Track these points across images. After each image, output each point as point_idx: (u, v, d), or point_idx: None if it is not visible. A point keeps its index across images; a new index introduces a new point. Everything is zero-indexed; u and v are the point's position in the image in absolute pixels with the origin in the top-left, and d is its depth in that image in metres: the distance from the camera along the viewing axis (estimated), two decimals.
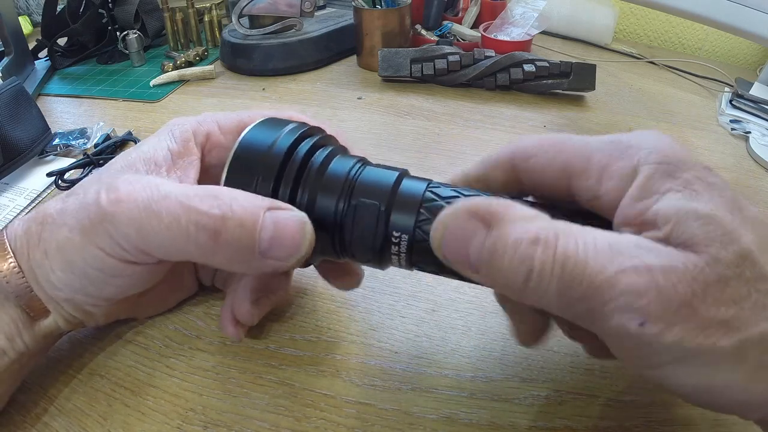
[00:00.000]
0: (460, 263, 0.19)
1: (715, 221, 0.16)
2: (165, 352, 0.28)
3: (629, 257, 0.16)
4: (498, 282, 0.18)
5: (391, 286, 0.32)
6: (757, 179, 0.45)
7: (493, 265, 0.17)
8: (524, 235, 0.17)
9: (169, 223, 0.20)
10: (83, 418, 0.25)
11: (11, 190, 0.44)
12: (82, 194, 0.23)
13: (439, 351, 0.28)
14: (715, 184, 0.17)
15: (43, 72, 0.65)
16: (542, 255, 0.17)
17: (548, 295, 0.17)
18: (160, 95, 0.60)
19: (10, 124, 0.44)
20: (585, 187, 0.19)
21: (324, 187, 0.22)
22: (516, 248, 0.17)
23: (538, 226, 0.17)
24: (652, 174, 0.18)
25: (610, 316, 0.16)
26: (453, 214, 0.19)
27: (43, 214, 0.23)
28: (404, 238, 0.21)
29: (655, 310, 0.16)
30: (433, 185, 0.22)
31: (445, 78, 0.59)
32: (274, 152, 0.22)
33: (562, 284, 0.16)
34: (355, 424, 0.25)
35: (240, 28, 0.64)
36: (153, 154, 0.24)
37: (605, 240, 0.17)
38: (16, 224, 0.24)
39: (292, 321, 0.30)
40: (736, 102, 0.56)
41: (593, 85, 0.57)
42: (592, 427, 0.24)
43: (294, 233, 0.21)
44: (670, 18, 0.78)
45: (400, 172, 0.23)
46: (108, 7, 0.70)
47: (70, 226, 0.22)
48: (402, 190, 0.21)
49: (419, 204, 0.21)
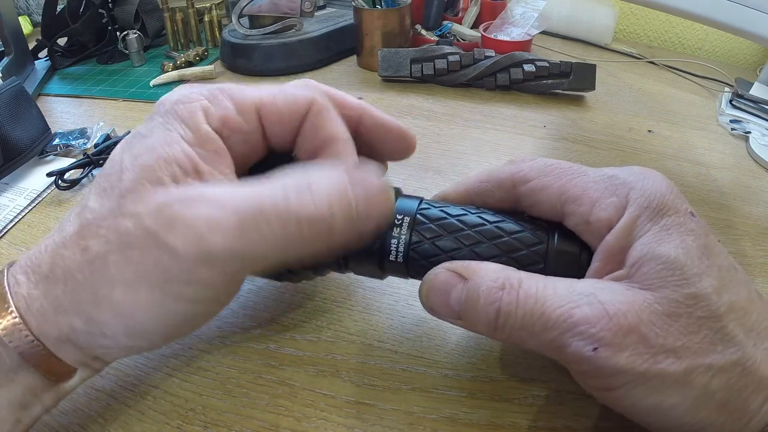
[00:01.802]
0: (444, 311, 0.21)
1: (674, 265, 0.18)
2: (165, 352, 0.28)
3: (585, 294, 0.19)
4: (475, 324, 0.21)
5: (391, 286, 0.32)
6: (757, 179, 0.45)
7: (469, 309, 0.20)
8: (493, 282, 0.20)
9: (278, 234, 0.18)
10: (83, 418, 0.25)
11: (11, 190, 0.44)
12: (116, 238, 0.18)
13: (439, 351, 0.28)
14: (692, 230, 0.19)
15: (43, 72, 0.65)
16: (507, 297, 0.19)
17: (515, 331, 0.19)
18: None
19: (10, 124, 0.44)
20: (578, 212, 0.21)
21: None
22: (487, 293, 0.20)
23: (504, 275, 0.20)
24: (638, 216, 0.20)
25: (568, 345, 0.18)
26: (435, 272, 0.22)
27: (62, 270, 0.19)
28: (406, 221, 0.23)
29: (605, 336, 0.18)
30: (422, 206, 0.24)
31: (445, 78, 0.59)
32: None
33: (525, 320, 0.19)
34: (355, 424, 0.25)
35: (240, 28, 0.64)
36: (171, 154, 0.19)
37: (565, 284, 0.20)
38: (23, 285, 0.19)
39: (292, 321, 0.30)
40: (736, 102, 0.56)
41: (593, 85, 0.57)
42: (592, 427, 0.24)
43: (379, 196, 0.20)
44: (670, 18, 0.78)
45: (398, 189, 0.25)
46: (108, 7, 0.70)
47: (126, 282, 0.18)
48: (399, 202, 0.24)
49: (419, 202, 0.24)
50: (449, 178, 0.43)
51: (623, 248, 0.20)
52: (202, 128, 0.20)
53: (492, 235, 0.22)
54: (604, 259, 0.20)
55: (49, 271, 0.19)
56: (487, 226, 0.23)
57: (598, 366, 0.18)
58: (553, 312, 0.19)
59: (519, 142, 0.49)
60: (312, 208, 0.18)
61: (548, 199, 0.22)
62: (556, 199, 0.22)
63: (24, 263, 0.20)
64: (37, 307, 0.19)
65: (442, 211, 0.23)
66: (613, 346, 0.18)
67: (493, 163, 0.46)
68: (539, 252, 0.22)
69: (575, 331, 0.18)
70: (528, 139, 0.50)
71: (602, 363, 0.18)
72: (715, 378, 0.17)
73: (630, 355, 0.17)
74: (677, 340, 0.18)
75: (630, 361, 0.17)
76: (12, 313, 0.19)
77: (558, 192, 0.22)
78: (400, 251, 0.23)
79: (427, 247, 0.23)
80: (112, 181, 0.19)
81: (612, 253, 0.20)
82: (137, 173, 0.19)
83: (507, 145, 0.49)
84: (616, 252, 0.20)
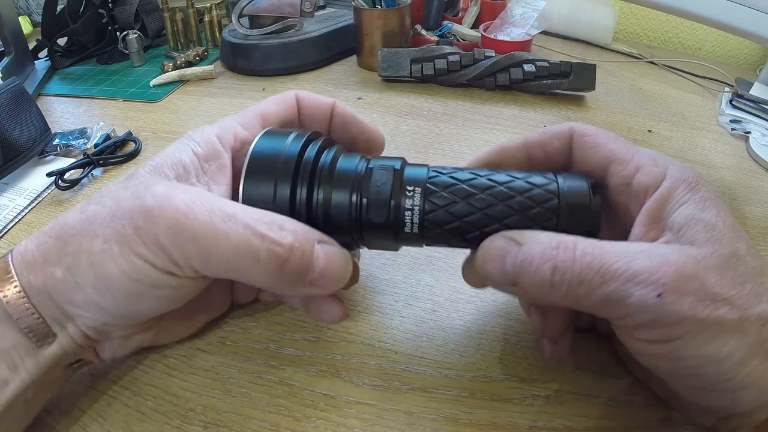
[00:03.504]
0: (499, 277, 0.22)
1: (716, 228, 0.20)
2: (165, 352, 0.28)
3: (640, 250, 0.20)
4: (530, 285, 0.21)
5: (391, 286, 0.32)
6: (757, 179, 0.45)
7: (524, 270, 0.21)
8: (548, 244, 0.21)
9: (238, 245, 0.21)
10: (83, 418, 0.25)
11: (11, 190, 0.44)
12: (112, 203, 0.22)
13: (439, 351, 0.28)
14: (723, 206, 0.21)
15: (43, 72, 0.65)
16: (563, 254, 0.20)
17: (572, 287, 0.20)
18: (160, 95, 0.60)
19: (10, 124, 0.44)
20: (622, 174, 0.23)
21: (337, 182, 0.24)
22: (542, 253, 0.20)
23: (559, 239, 0.21)
24: (676, 187, 0.22)
25: (629, 295, 0.19)
26: (491, 240, 0.22)
27: (60, 228, 0.22)
28: (418, 191, 0.23)
29: (668, 282, 0.18)
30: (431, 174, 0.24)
31: (445, 78, 0.59)
32: (286, 156, 0.24)
33: (583, 275, 0.19)
34: (355, 424, 0.25)
35: (240, 28, 0.64)
36: (179, 158, 0.24)
37: (619, 244, 0.20)
38: (24, 242, 0.22)
39: (292, 321, 0.30)
40: (736, 102, 0.56)
41: (593, 85, 0.57)
42: (592, 427, 0.24)
43: (341, 267, 0.23)
44: (670, 18, 0.78)
45: (403, 160, 0.25)
46: (108, 7, 0.70)
47: (105, 237, 0.21)
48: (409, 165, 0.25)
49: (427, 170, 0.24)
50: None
51: (662, 214, 0.21)
52: (214, 146, 0.25)
53: (504, 196, 0.23)
54: (647, 224, 0.22)
55: (49, 228, 0.22)
56: (497, 187, 0.23)
57: (661, 313, 0.18)
58: (612, 265, 0.19)
59: None
60: (278, 249, 0.21)
61: (598, 156, 0.24)
62: (605, 157, 0.24)
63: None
64: (29, 258, 0.22)
65: (452, 177, 0.24)
66: (675, 292, 0.18)
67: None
68: (552, 208, 0.22)
69: (637, 280, 0.19)
70: None
71: (666, 309, 0.18)
72: (765, 327, 0.19)
73: (692, 301, 0.18)
74: (730, 290, 0.19)
75: (692, 307, 0.18)
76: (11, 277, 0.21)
77: (609, 151, 0.24)
78: (415, 222, 0.23)
79: (441, 214, 0.23)
80: (130, 175, 0.24)
81: (653, 218, 0.22)
82: (149, 168, 0.23)
83: None
84: (656, 217, 0.22)
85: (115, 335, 0.24)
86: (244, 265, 0.21)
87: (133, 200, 0.21)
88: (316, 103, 0.29)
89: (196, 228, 0.20)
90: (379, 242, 0.25)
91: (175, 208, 0.21)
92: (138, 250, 0.21)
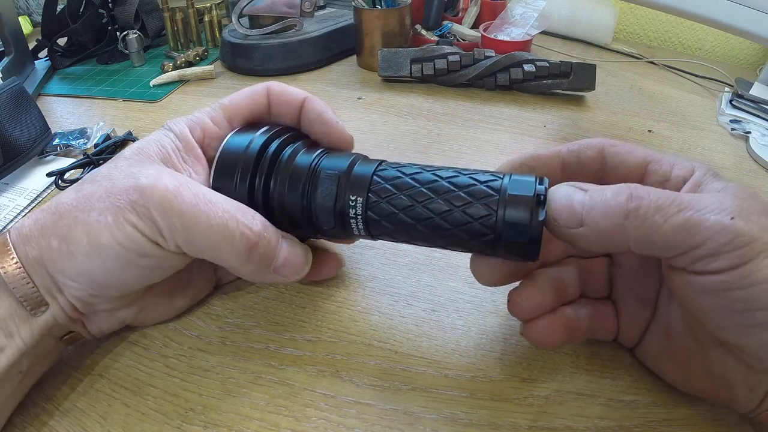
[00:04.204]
0: (567, 216, 0.22)
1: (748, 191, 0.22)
2: (165, 352, 0.28)
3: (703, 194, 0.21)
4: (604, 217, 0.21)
5: (391, 286, 0.32)
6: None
7: (596, 205, 0.21)
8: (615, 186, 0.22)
9: (216, 226, 0.24)
10: (83, 418, 0.25)
11: (11, 190, 0.44)
12: (107, 182, 0.24)
13: (439, 351, 0.28)
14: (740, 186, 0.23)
15: (43, 72, 0.65)
16: (636, 188, 0.21)
17: (649, 214, 0.20)
18: (160, 95, 0.60)
19: (10, 124, 0.44)
20: (660, 171, 0.24)
21: (291, 182, 0.26)
22: (614, 188, 0.21)
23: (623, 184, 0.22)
24: (704, 174, 0.23)
25: (707, 219, 0.20)
26: (556, 186, 0.23)
27: (56, 204, 0.24)
28: (360, 201, 0.25)
29: (736, 210, 0.20)
30: (385, 162, 0.26)
31: (445, 78, 0.59)
32: (249, 152, 0.26)
33: (660, 202, 0.20)
34: (355, 424, 0.25)
35: (240, 28, 0.64)
36: (163, 144, 0.26)
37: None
38: (21, 220, 0.25)
39: (292, 321, 0.30)
40: (736, 102, 0.56)
41: (593, 85, 0.57)
42: (592, 427, 0.24)
43: (301, 259, 0.27)
44: (670, 18, 0.78)
45: (353, 159, 0.26)
46: (108, 7, 0.70)
47: (100, 209, 0.23)
48: (356, 168, 0.26)
49: (371, 174, 0.25)
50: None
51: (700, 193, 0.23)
52: (189, 140, 0.27)
53: (444, 191, 0.23)
54: None
55: (45, 206, 0.25)
56: (439, 182, 0.24)
57: (737, 233, 0.19)
58: (685, 197, 0.21)
59: (519, 142, 0.49)
60: (249, 233, 0.24)
61: (636, 158, 0.25)
62: (641, 160, 0.25)
63: None
64: (26, 232, 0.24)
65: (398, 171, 0.25)
66: (744, 218, 0.20)
67: (493, 163, 0.45)
68: (490, 204, 0.23)
69: (711, 207, 0.20)
70: (528, 139, 0.50)
71: (740, 229, 0.19)
72: None
73: (758, 227, 0.20)
74: None
75: (760, 231, 0.19)
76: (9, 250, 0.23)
77: (643, 155, 0.25)
78: (361, 227, 0.26)
79: (383, 208, 0.24)
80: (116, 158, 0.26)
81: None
82: (134, 149, 0.26)
83: (507, 145, 0.49)
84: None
85: (100, 308, 0.26)
86: (220, 245, 0.24)
87: (129, 180, 0.23)
88: (286, 98, 0.30)
89: (182, 207, 0.23)
90: (334, 238, 0.28)
91: (165, 188, 0.23)
92: (131, 219, 0.23)
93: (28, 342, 0.23)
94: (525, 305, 0.25)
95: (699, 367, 0.23)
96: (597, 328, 0.27)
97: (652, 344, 0.26)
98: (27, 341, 0.23)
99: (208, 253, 0.24)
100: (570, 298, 0.27)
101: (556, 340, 0.26)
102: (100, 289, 0.24)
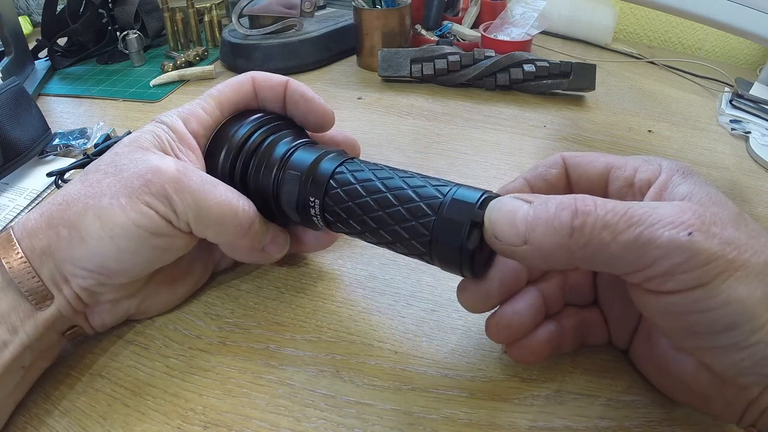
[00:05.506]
0: (509, 233, 0.21)
1: (718, 195, 0.21)
2: (165, 352, 0.28)
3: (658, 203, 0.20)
4: (547, 236, 0.20)
5: (391, 286, 0.32)
6: (757, 179, 0.45)
7: (539, 222, 0.20)
8: (563, 198, 0.20)
9: (222, 202, 0.26)
10: (83, 418, 0.25)
11: (11, 190, 0.44)
12: (114, 169, 0.25)
13: (439, 351, 0.28)
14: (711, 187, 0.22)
15: (43, 72, 0.65)
16: (582, 202, 0.20)
17: (596, 232, 0.19)
18: (160, 95, 0.60)
19: (10, 124, 0.44)
20: (623, 177, 0.24)
21: (263, 172, 0.28)
22: (558, 203, 0.20)
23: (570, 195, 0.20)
24: (672, 174, 0.22)
25: (659, 236, 0.18)
26: (500, 198, 0.22)
27: (63, 195, 0.24)
28: (317, 202, 0.26)
29: (696, 223, 0.18)
30: (347, 162, 0.27)
31: (445, 78, 0.59)
32: (234, 139, 0.29)
33: (608, 218, 0.19)
34: (355, 424, 0.25)
35: (240, 28, 0.64)
36: (157, 134, 0.27)
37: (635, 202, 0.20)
38: (25, 216, 0.25)
39: (292, 321, 0.30)
40: (736, 102, 0.56)
41: (593, 85, 0.57)
42: (592, 427, 0.24)
43: (283, 241, 0.30)
44: (670, 18, 0.78)
45: (323, 152, 0.28)
46: (108, 7, 0.70)
47: (112, 194, 0.24)
48: (320, 165, 0.27)
49: (330, 176, 0.26)
50: (449, 178, 0.43)
51: (663, 198, 0.22)
52: (180, 128, 0.28)
53: (386, 204, 0.24)
54: None
55: (51, 199, 0.25)
56: (384, 194, 0.24)
57: (694, 252, 0.18)
58: (637, 210, 0.19)
59: (519, 142, 0.49)
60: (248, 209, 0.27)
61: (597, 167, 0.24)
62: (603, 168, 0.24)
63: None
64: (31, 226, 0.24)
65: (353, 176, 0.26)
66: (704, 232, 0.18)
67: (493, 163, 0.46)
68: (433, 206, 0.23)
69: (665, 222, 0.18)
70: (528, 139, 0.50)
71: (698, 247, 0.18)
72: None
73: (719, 242, 0.18)
74: (749, 239, 0.19)
75: (721, 247, 0.18)
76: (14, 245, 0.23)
77: (604, 163, 0.24)
78: (321, 225, 0.28)
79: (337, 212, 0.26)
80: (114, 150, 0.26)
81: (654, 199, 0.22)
82: (130, 140, 0.27)
83: (507, 145, 0.49)
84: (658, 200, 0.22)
85: (104, 299, 0.27)
86: (225, 219, 0.26)
87: (139, 163, 0.25)
88: (269, 84, 0.30)
89: (192, 185, 0.25)
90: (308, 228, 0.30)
91: (175, 170, 0.25)
92: (145, 198, 0.24)
93: (32, 336, 0.24)
94: (503, 334, 0.25)
95: (677, 377, 0.23)
96: (586, 334, 0.27)
97: (638, 348, 0.26)
98: (31, 336, 0.23)
99: (214, 228, 0.26)
100: (554, 311, 0.26)
101: (541, 357, 0.25)
102: (108, 276, 0.25)
